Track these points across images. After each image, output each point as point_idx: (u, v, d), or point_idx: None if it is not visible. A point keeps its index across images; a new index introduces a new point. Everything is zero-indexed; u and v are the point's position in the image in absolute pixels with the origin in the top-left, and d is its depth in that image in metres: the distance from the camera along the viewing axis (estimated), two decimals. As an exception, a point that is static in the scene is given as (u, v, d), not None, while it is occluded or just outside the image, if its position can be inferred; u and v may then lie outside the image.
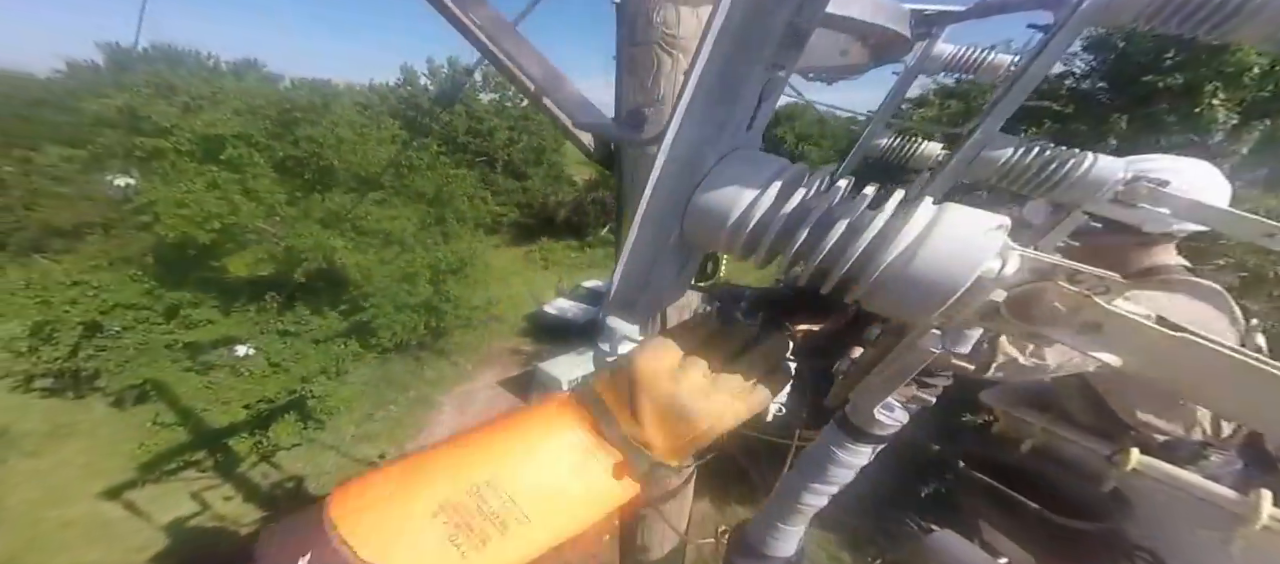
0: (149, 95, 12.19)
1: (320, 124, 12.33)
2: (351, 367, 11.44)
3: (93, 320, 9.73)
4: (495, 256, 20.19)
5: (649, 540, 1.47)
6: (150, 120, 11.37)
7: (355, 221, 11.62)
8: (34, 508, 8.83)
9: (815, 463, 0.91)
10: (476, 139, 22.90)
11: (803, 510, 0.99)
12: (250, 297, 11.32)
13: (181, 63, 19.74)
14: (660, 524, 1.43)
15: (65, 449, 10.15)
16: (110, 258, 11.54)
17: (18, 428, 10.47)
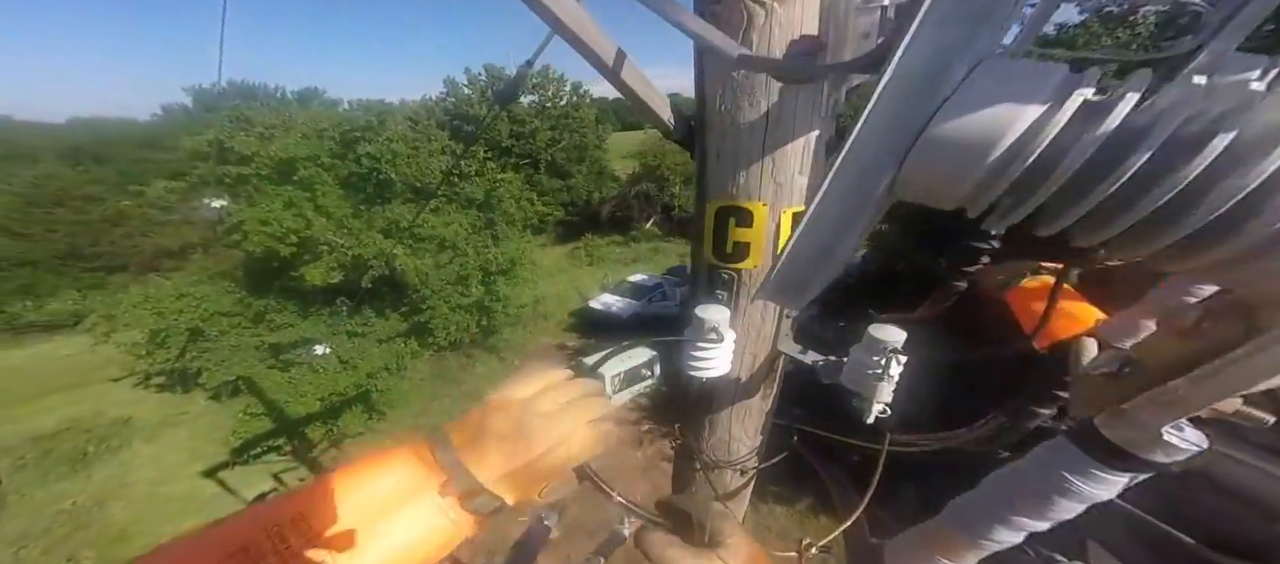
0: (231, 129, 13.53)
1: (376, 141, 13.08)
2: (410, 363, 12.25)
3: (196, 326, 11.05)
4: (541, 255, 20.58)
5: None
6: (234, 151, 12.61)
7: (413, 229, 12.25)
8: (150, 484, 10.21)
9: (1025, 488, 0.70)
10: (520, 141, 23.16)
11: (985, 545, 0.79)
12: (324, 302, 12.40)
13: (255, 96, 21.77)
14: None
15: (174, 435, 11.60)
16: (209, 273, 13.16)
17: (139, 418, 12.10)
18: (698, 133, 1.07)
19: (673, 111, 1.09)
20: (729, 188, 1.04)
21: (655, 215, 25.27)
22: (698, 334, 1.07)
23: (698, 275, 1.24)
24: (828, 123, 1.00)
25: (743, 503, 1.35)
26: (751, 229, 1.05)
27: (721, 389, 1.10)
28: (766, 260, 1.08)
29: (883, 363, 0.85)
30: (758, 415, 1.28)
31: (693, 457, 1.33)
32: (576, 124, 24.92)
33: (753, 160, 0.99)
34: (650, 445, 10.21)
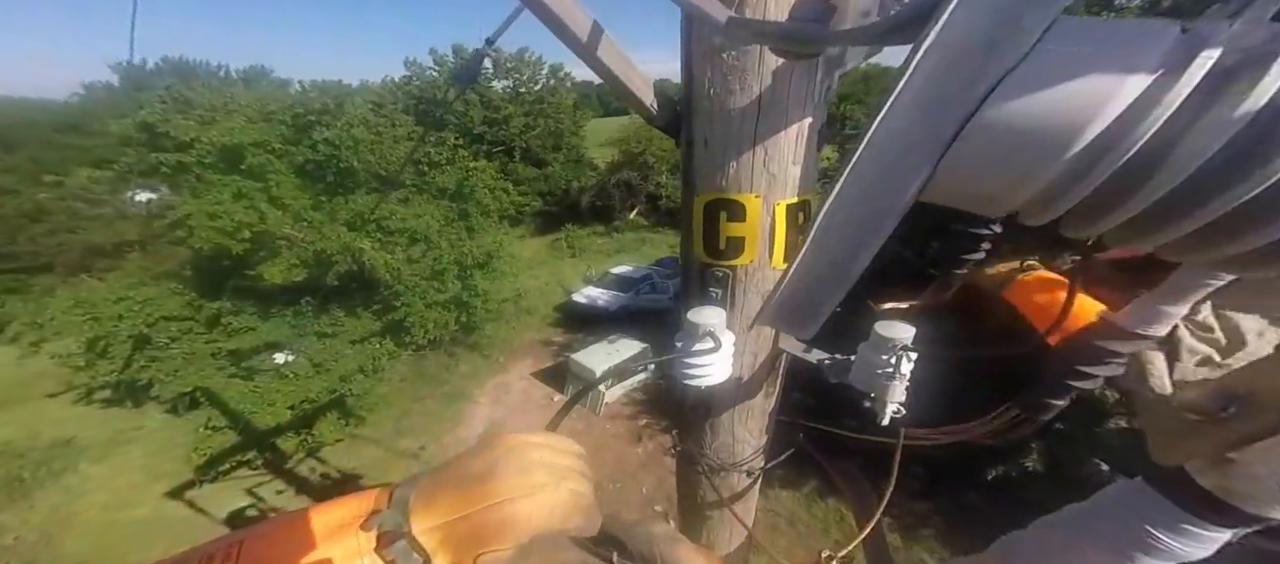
0: (165, 110, 12.41)
1: (335, 126, 12.29)
2: (387, 365, 11.80)
3: (141, 334, 10.21)
4: (521, 248, 20.12)
5: (717, 538, 1.47)
6: (169, 135, 11.59)
7: (380, 222, 11.68)
8: (104, 510, 9.48)
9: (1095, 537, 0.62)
10: (493, 128, 22.44)
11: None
12: (286, 302, 11.66)
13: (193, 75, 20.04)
14: (727, 523, 1.42)
15: (127, 455, 10.82)
16: (151, 273, 12.04)
17: (83, 437, 11.22)
18: (684, 119, 1.01)
19: (657, 96, 1.02)
20: (718, 180, 0.99)
21: (639, 204, 24.92)
22: (692, 339, 1.02)
23: (689, 274, 1.19)
24: (821, 109, 0.96)
25: (751, 504, 1.34)
26: (744, 223, 1.00)
27: (721, 391, 1.07)
28: (761, 256, 1.04)
29: (893, 361, 0.82)
30: (761, 416, 1.26)
31: (695, 461, 1.30)
32: (553, 110, 24.22)
33: (743, 149, 0.94)
34: (650, 440, 10.28)
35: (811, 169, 0.99)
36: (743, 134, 0.92)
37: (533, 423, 11.62)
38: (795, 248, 1.06)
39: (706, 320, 1.00)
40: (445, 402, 12.18)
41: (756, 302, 1.09)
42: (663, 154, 23.62)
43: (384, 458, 10.43)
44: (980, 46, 0.27)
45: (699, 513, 1.41)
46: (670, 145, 10.08)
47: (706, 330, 0.99)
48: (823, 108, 0.94)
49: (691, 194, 1.05)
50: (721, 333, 1.00)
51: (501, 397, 12.38)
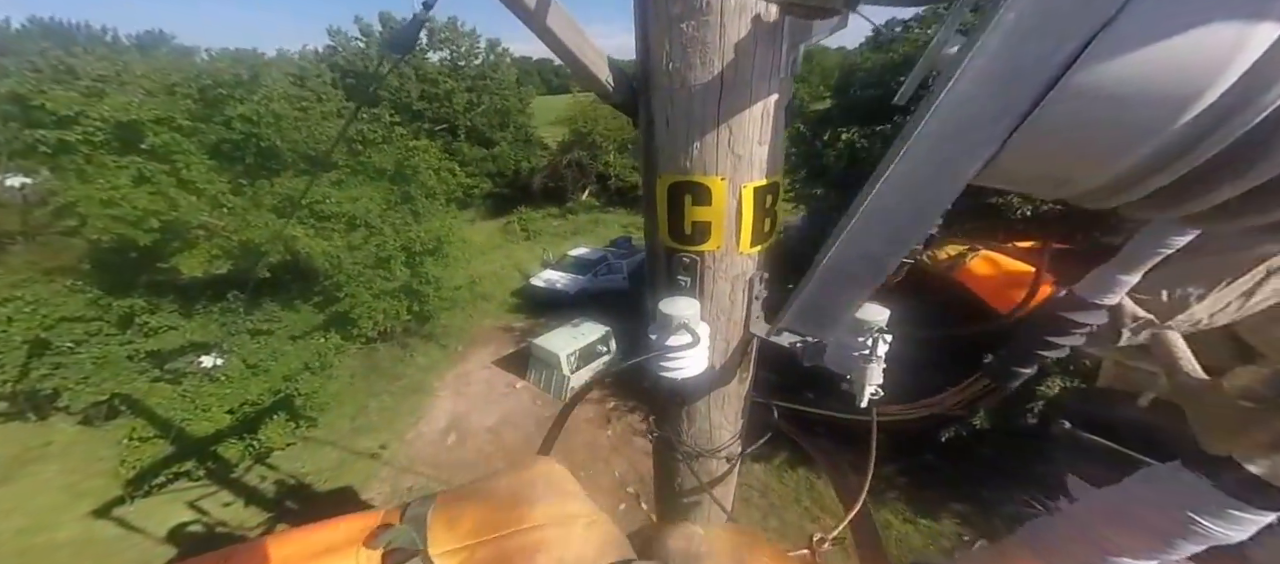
0: (39, 80, 10.63)
1: (251, 101, 11.06)
2: (336, 360, 11.16)
3: (38, 338, 9.02)
4: (472, 232, 19.55)
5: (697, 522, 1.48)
6: (46, 110, 9.98)
7: (312, 206, 10.78)
8: (20, 535, 8.57)
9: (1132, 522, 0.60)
10: (433, 104, 21.21)
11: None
12: (212, 297, 10.61)
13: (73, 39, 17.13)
14: (705, 508, 1.43)
15: (40, 473, 9.78)
16: (41, 269, 10.52)
17: (-20, 458, 9.92)
18: (642, 96, 0.93)
19: (612, 70, 0.94)
20: (682, 160, 0.93)
21: (590, 185, 24.64)
22: (666, 332, 0.98)
23: (655, 261, 1.14)
24: (787, 85, 0.91)
25: (730, 487, 1.35)
26: (710, 207, 0.96)
27: (697, 379, 1.05)
28: (728, 242, 1.00)
29: (870, 343, 0.81)
30: (736, 400, 1.25)
31: (673, 448, 1.28)
32: (496, 86, 23.14)
33: (707, 128, 0.88)
34: (618, 422, 10.36)
35: (779, 149, 0.95)
36: (705, 112, 0.86)
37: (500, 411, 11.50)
38: (763, 233, 1.04)
39: (680, 313, 0.95)
40: (403, 396, 11.75)
41: (726, 288, 1.05)
42: (610, 133, 23.37)
43: (343, 460, 9.98)
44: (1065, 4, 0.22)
45: (677, 499, 1.41)
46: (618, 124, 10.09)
47: (681, 323, 0.95)
48: (789, 83, 0.89)
49: (653, 175, 0.99)
50: (696, 325, 0.97)
51: (463, 388, 12.09)
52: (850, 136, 8.99)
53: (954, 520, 7.38)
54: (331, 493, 9.24)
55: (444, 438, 10.52)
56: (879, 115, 8.80)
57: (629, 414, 10.32)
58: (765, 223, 1.00)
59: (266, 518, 8.78)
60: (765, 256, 1.08)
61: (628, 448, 9.59)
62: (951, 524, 7.34)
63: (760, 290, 1.06)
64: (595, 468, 9.23)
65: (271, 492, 9.34)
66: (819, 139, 10.89)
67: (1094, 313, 0.83)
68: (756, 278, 1.06)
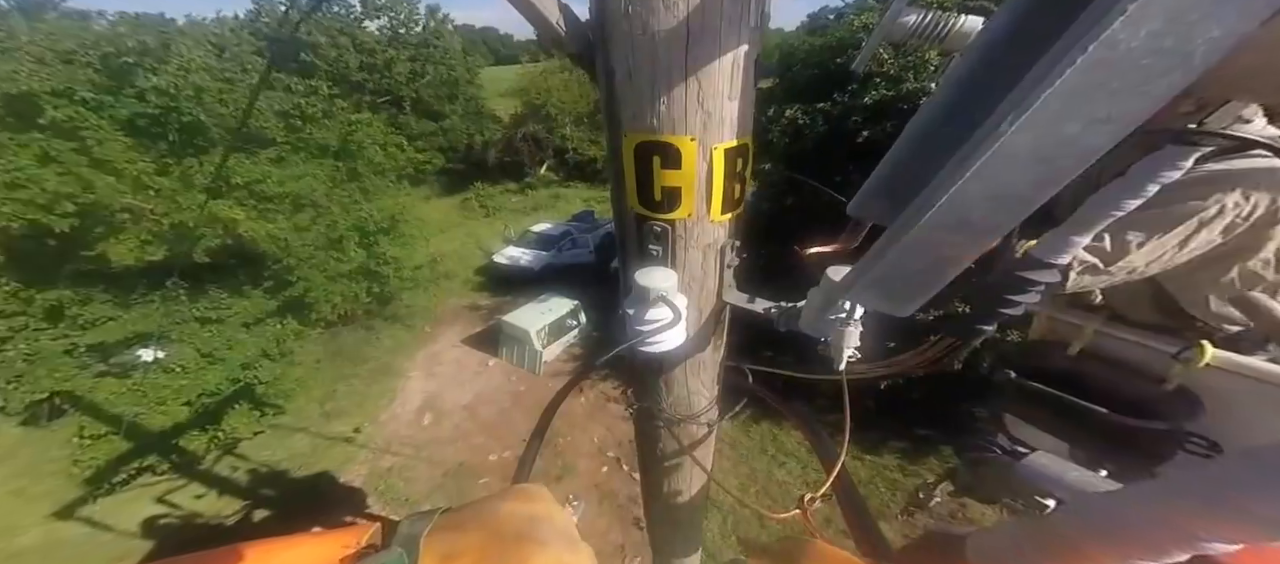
0: None
1: (165, 72, 10.01)
2: (297, 346, 10.77)
3: (-49, 337, 8.32)
4: (428, 209, 18.94)
5: (678, 485, 1.51)
6: None
7: (251, 187, 10.03)
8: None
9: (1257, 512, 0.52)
10: (373, 76, 19.90)
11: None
12: (150, 285, 9.88)
13: (-68, 0, 14.65)
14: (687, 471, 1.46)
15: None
16: None
17: (-86, 468, 9.23)
18: (599, 45, 0.84)
19: (565, 16, 0.84)
20: (648, 118, 0.86)
21: (548, 160, 24.00)
22: (643, 304, 0.94)
23: (625, 230, 1.09)
24: (757, 35, 0.84)
25: (709, 450, 1.38)
26: (680, 171, 0.90)
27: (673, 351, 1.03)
28: (699, 208, 0.95)
29: (846, 307, 0.80)
30: (712, 367, 1.26)
31: (654, 417, 1.30)
32: (441, 55, 21.88)
33: (675, 81, 0.81)
34: (591, 390, 10.47)
35: (749, 107, 0.89)
36: (672, 63, 0.79)
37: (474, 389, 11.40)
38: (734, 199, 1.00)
39: (658, 285, 0.92)
40: (373, 379, 11.50)
41: (698, 257, 1.02)
42: (564, 105, 22.70)
43: (316, 445, 9.79)
44: None
45: (660, 464, 1.44)
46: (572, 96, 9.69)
47: (658, 295, 0.92)
48: (758, 35, 0.83)
49: (618, 133, 0.91)
50: (675, 297, 0.94)
51: (434, 368, 11.92)
52: (793, 113, 9.24)
53: (894, 455, 8.38)
54: (309, 478, 9.11)
55: (419, 418, 10.43)
56: (819, 94, 9.18)
57: (602, 382, 10.48)
58: (736, 188, 0.96)
59: (242, 506, 8.63)
60: (735, 224, 1.04)
61: (603, 414, 9.78)
62: (893, 459, 8.34)
63: (732, 258, 1.04)
64: (574, 436, 9.40)
65: (245, 481, 9.12)
66: (764, 115, 11.08)
67: (1049, 272, 0.87)
68: (728, 246, 1.03)
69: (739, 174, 0.95)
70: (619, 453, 8.91)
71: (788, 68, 10.96)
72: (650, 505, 1.62)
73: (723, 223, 1.02)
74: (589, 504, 8.09)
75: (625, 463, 8.65)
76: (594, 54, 0.87)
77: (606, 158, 1.02)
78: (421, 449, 9.65)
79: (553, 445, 9.14)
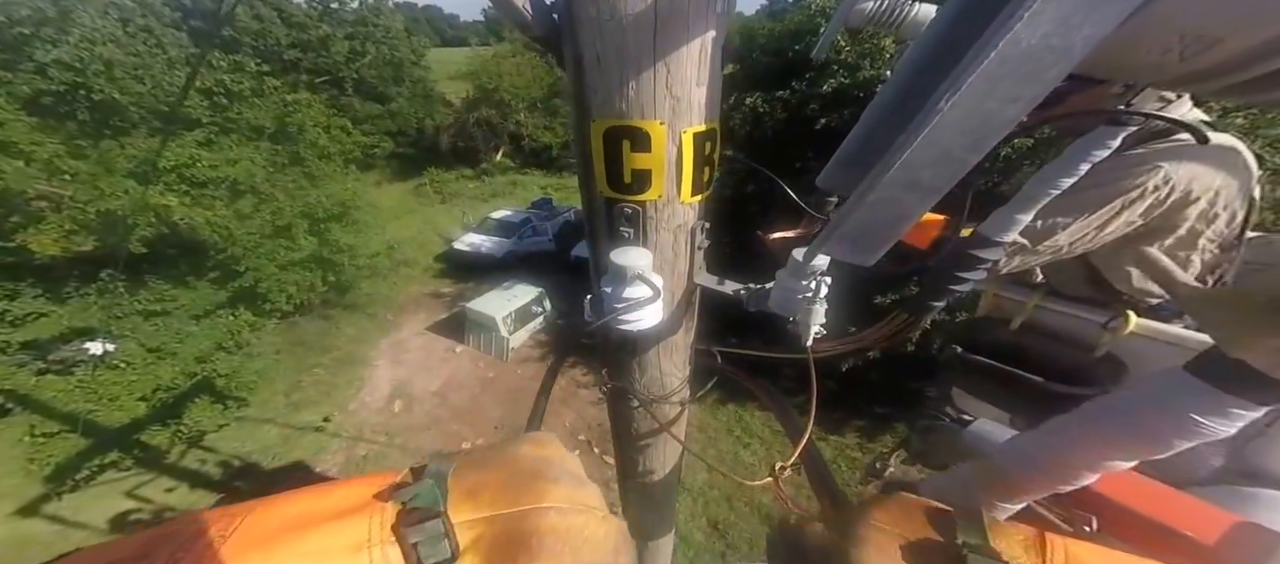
0: None
1: (66, 43, 9.02)
2: (253, 337, 10.34)
3: None
4: (380, 195, 18.28)
5: (652, 464, 1.56)
6: None
7: (181, 171, 9.30)
8: None
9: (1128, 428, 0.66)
10: (309, 54, 18.54)
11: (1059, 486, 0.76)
12: (82, 277, 9.27)
13: None
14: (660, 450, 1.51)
15: (-68, 482, 8.57)
16: None
17: None
18: (567, 29, 0.82)
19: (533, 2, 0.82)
20: (618, 102, 0.85)
21: (504, 146, 23.19)
22: (620, 283, 0.95)
23: (594, 211, 1.08)
24: (723, 22, 0.84)
25: (682, 426, 1.42)
26: (650, 154, 0.90)
27: (646, 332, 1.05)
28: (669, 190, 0.96)
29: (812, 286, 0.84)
30: (683, 348, 1.28)
31: (627, 397, 1.32)
32: (383, 34, 20.62)
33: (644, 67, 0.80)
34: (563, 376, 10.45)
35: (717, 92, 0.89)
36: (640, 48, 0.77)
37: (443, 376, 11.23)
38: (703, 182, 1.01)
39: (634, 263, 0.92)
40: (338, 368, 11.17)
41: (669, 238, 1.03)
42: (517, 90, 21.91)
43: (287, 436, 9.55)
44: None
45: (634, 444, 1.47)
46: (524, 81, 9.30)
47: (636, 274, 0.93)
48: (725, 21, 0.82)
49: (586, 119, 0.90)
50: (651, 275, 0.95)
51: (400, 355, 11.67)
52: (753, 101, 9.16)
53: (855, 434, 8.76)
54: (282, 469, 8.93)
55: (390, 405, 10.25)
56: (778, 81, 9.08)
57: (571, 368, 10.55)
58: (705, 171, 0.96)
59: (215, 499, 8.43)
60: (705, 206, 1.05)
61: (574, 399, 9.87)
62: (854, 438, 8.72)
63: (702, 240, 1.05)
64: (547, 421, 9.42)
65: (216, 473, 8.90)
66: (726, 102, 10.99)
67: (995, 249, 0.92)
68: (698, 228, 1.04)
69: (708, 157, 0.96)
70: (589, 436, 9.08)
71: (748, 53, 10.86)
72: (624, 486, 1.66)
73: (692, 205, 1.03)
74: None
75: (597, 446, 8.82)
76: (561, 39, 0.85)
77: (566, 144, 1.00)
78: (395, 436, 9.52)
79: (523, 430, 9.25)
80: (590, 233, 1.12)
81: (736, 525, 7.47)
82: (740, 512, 7.64)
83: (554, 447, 0.50)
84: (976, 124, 0.36)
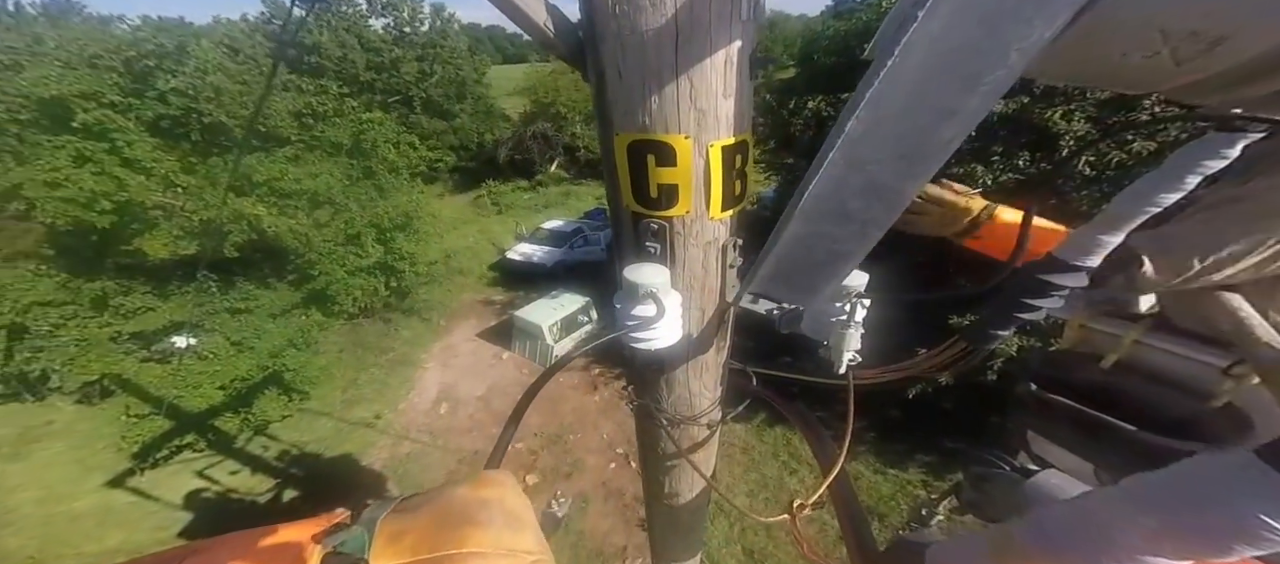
0: None
1: (183, 73, 10.35)
2: (320, 336, 11.18)
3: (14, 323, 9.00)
4: (441, 206, 19.19)
5: (679, 487, 1.50)
6: None
7: (271, 184, 10.37)
8: (41, 505, 8.80)
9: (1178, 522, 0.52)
10: (381, 75, 20.08)
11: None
12: (184, 277, 10.47)
13: (-29, 10, 15.36)
14: (689, 471, 1.45)
15: (47, 450, 9.91)
16: (1, 254, 10.26)
17: (-14, 436, 10.04)
18: (589, 45, 0.83)
19: (552, 16, 0.83)
20: (640, 116, 0.84)
21: (558, 157, 23.95)
22: (632, 300, 0.92)
23: (620, 226, 1.07)
24: (750, 30, 0.81)
25: (711, 452, 1.36)
26: (676, 169, 0.88)
27: (672, 350, 1.01)
28: (697, 206, 0.93)
29: (848, 309, 0.77)
30: (714, 368, 1.23)
31: (653, 416, 1.28)
32: (448, 54, 21.91)
33: (666, 81, 0.79)
34: (605, 388, 10.55)
35: (746, 103, 0.86)
36: (662, 62, 0.76)
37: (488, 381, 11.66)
38: (734, 196, 0.97)
39: (646, 280, 0.89)
40: (392, 368, 11.80)
41: (698, 255, 0.99)
42: (573, 103, 22.54)
43: (340, 430, 10.15)
44: None
45: (661, 464, 1.42)
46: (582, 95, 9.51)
47: (647, 292, 0.89)
48: (752, 28, 0.79)
49: (610, 133, 0.90)
50: (665, 294, 0.91)
51: (449, 359, 12.16)
52: (816, 105, 8.83)
53: (920, 470, 7.81)
54: (333, 460, 9.47)
55: (436, 407, 10.68)
56: (843, 82, 8.62)
57: (615, 380, 10.53)
58: (736, 185, 0.92)
59: (273, 484, 9.06)
60: (737, 221, 1.01)
61: (615, 412, 9.80)
62: (918, 473, 7.77)
63: (735, 257, 1.01)
64: (584, 431, 9.47)
65: (275, 460, 9.55)
66: (785, 107, 10.63)
67: (1073, 275, 0.80)
68: (730, 244, 0.99)
69: (739, 171, 0.92)
70: (628, 449, 8.94)
71: (809, 56, 10.54)
72: (651, 507, 1.61)
73: (723, 220, 0.99)
74: (594, 502, 8.13)
75: (633, 460, 8.67)
76: (584, 54, 0.85)
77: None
78: (437, 437, 9.90)
79: (563, 442, 9.25)
80: (617, 247, 1.11)
81: (774, 555, 7.04)
82: (779, 541, 7.20)
83: (495, 487, 0.50)
84: (907, 145, 0.30)
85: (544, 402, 10.37)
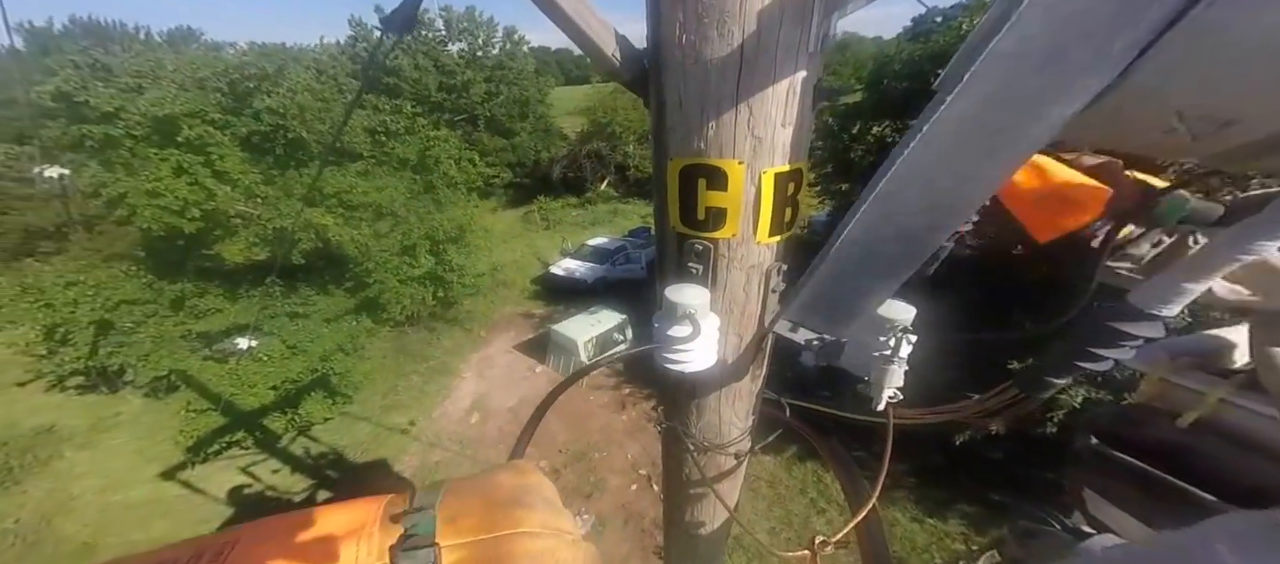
0: (81, 77, 11.25)
1: (276, 94, 11.44)
2: (367, 342, 11.70)
3: (102, 319, 9.83)
4: (493, 221, 19.90)
5: (701, 515, 1.45)
6: (89, 106, 10.59)
7: (341, 196, 11.18)
8: (99, 493, 9.47)
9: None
10: (452, 96, 21.47)
11: None
12: (252, 281, 11.32)
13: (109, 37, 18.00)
14: (712, 501, 1.40)
15: (113, 440, 10.70)
16: (101, 255, 11.52)
17: (64, 425, 11.00)
18: (653, 73, 0.86)
19: (620, 45, 0.87)
20: (695, 142, 0.87)
21: (609, 176, 24.62)
22: (670, 321, 0.92)
23: (665, 247, 1.09)
24: (816, 61, 0.82)
25: (737, 483, 1.31)
26: (726, 193, 0.89)
27: (706, 374, 1.00)
28: (745, 230, 0.93)
29: (892, 344, 0.75)
30: (748, 397, 1.20)
31: (681, 440, 1.26)
32: (515, 76, 23.20)
33: (725, 108, 0.81)
34: (633, 408, 10.50)
35: (804, 133, 0.87)
36: (722, 91, 0.79)
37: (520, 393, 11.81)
38: (783, 222, 0.97)
39: (686, 301, 0.89)
40: (430, 377, 12.17)
41: (741, 279, 0.99)
42: (629, 124, 23.22)
43: (376, 434, 10.50)
44: None
45: (684, 490, 1.39)
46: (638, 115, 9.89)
47: (686, 312, 0.89)
48: (818, 60, 0.81)
49: (664, 157, 0.92)
50: (702, 316, 0.90)
51: (485, 370, 12.44)
52: (881, 131, 8.63)
53: (961, 522, 7.19)
54: (367, 465, 9.76)
55: (468, 417, 10.90)
56: (913, 108, 8.41)
57: (644, 401, 10.41)
58: (786, 212, 0.93)
59: (309, 484, 9.40)
60: (785, 248, 1.00)
61: (642, 433, 9.69)
62: (958, 525, 7.16)
63: (778, 283, 0.99)
64: (609, 450, 9.38)
65: (313, 462, 9.93)
66: (847, 132, 10.41)
67: (1150, 325, 0.73)
68: (774, 270, 0.99)
69: (790, 198, 0.92)
70: (652, 471, 8.77)
71: (879, 80, 10.28)
72: (670, 533, 1.56)
73: (770, 245, 0.99)
74: (613, 525, 7.94)
75: (656, 482, 8.48)
76: (648, 82, 0.89)
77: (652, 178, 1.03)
78: (466, 446, 10.05)
79: (587, 460, 9.18)
80: (660, 267, 1.13)
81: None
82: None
83: (532, 475, 0.54)
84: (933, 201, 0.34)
85: (571, 417, 10.35)
